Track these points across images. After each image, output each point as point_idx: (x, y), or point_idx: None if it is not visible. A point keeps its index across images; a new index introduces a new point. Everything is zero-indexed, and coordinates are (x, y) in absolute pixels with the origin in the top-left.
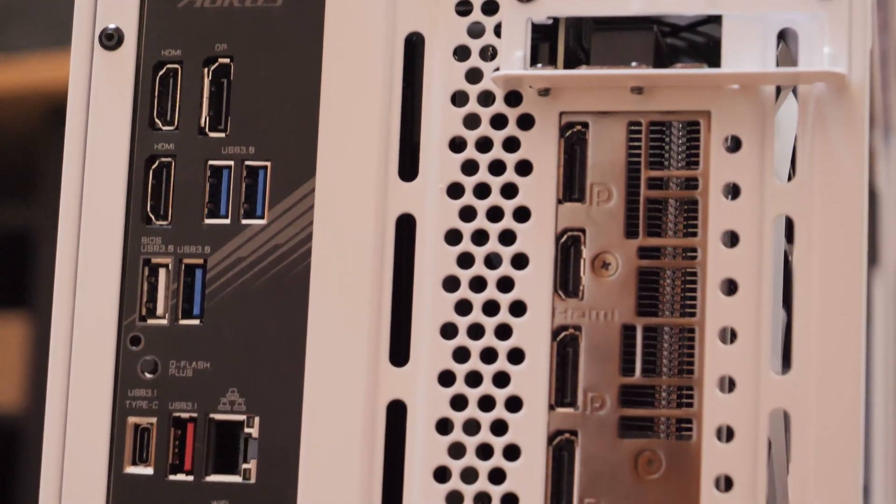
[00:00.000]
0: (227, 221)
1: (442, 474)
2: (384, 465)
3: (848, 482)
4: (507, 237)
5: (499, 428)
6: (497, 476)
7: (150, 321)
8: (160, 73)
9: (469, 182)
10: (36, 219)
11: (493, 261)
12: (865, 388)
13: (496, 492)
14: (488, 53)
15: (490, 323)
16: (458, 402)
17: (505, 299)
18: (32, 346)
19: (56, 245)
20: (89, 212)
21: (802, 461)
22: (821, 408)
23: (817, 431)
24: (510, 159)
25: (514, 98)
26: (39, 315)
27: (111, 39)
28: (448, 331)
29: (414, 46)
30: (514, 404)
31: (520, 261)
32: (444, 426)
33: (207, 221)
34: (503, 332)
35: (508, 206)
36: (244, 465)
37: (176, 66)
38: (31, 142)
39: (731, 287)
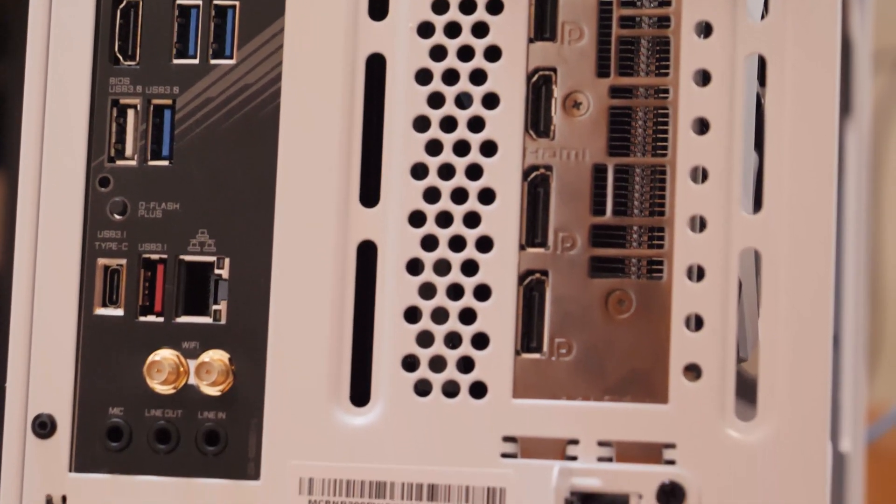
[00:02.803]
0: (196, 62)
1: (412, 315)
2: (354, 306)
3: (818, 324)
4: (478, 77)
5: (469, 268)
6: (468, 316)
7: (119, 162)
8: None
9: (440, 21)
10: (6, 76)
11: (463, 101)
12: (836, 235)
13: (467, 332)
14: None
15: (461, 163)
16: (429, 243)
17: (476, 139)
18: (7, 203)
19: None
20: (56, 54)
21: (773, 302)
22: (792, 248)
23: (788, 272)
24: None
25: None
26: (14, 172)
27: None
28: (419, 171)
29: None
30: (484, 244)
31: (491, 100)
32: (414, 267)
33: (176, 62)
34: (474, 172)
35: (479, 44)
36: (214, 307)
37: None
38: None
39: (702, 126)
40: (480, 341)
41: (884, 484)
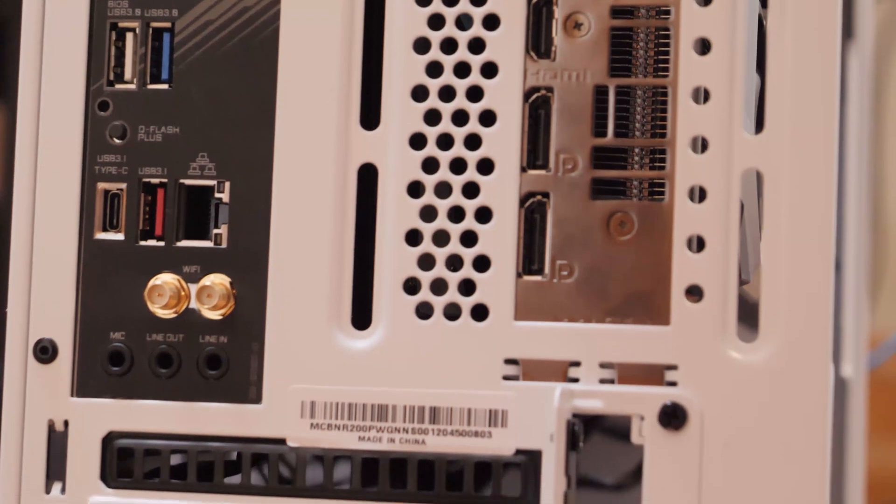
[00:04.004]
0: None
1: (413, 237)
2: (355, 229)
3: (820, 245)
4: None
5: (470, 190)
6: (469, 239)
7: (118, 86)
8: None
9: None
10: (4, 2)
11: (463, 22)
12: (838, 158)
13: (468, 254)
14: None
15: (462, 84)
16: (430, 165)
17: (476, 61)
18: (7, 131)
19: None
20: None
21: (775, 223)
22: (794, 169)
23: (790, 193)
24: None
25: None
26: (14, 100)
27: None
28: (419, 93)
29: None
30: (485, 167)
31: (491, 22)
32: (415, 189)
33: None
34: (475, 94)
35: None
36: (215, 231)
37: None
38: None
39: (704, 47)
40: (482, 264)
41: (885, 411)
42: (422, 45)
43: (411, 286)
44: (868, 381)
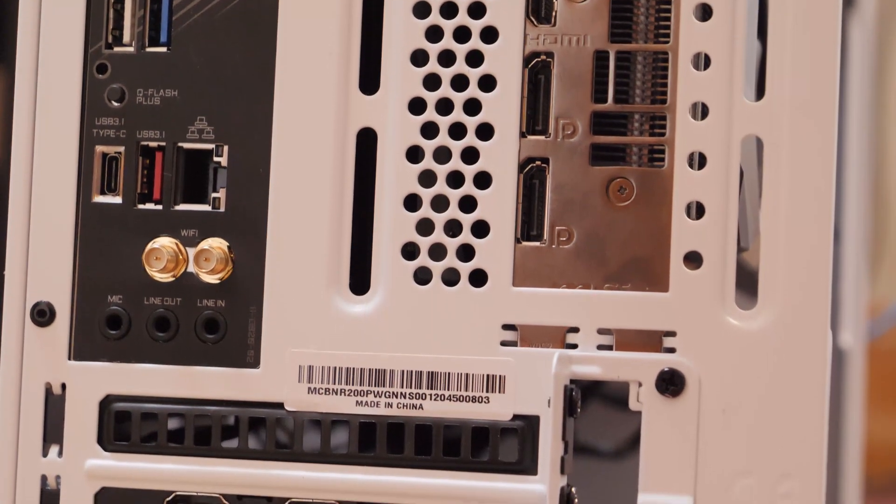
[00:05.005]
0: None
1: (412, 202)
2: (354, 194)
3: (819, 212)
4: None
5: (470, 156)
6: (468, 204)
7: (117, 49)
8: None
9: None
10: None
11: None
12: (839, 126)
13: (467, 220)
14: None
15: (461, 49)
16: (429, 130)
17: (476, 25)
18: (6, 94)
19: None
20: None
21: (774, 190)
22: (794, 136)
23: (790, 159)
24: None
25: None
26: (12, 63)
27: None
28: (419, 58)
29: None
30: (485, 132)
31: None
32: (414, 154)
33: None
34: (475, 58)
35: None
36: (213, 195)
37: None
38: None
39: (705, 12)
40: (480, 229)
41: (885, 384)
42: (422, 10)
43: (410, 251)
44: (867, 352)
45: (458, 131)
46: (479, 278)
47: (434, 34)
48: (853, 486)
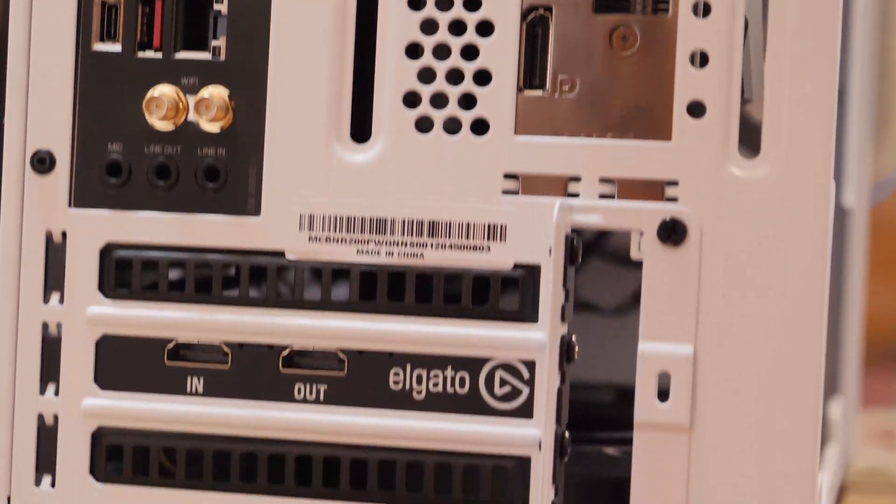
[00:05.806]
0: None
1: (414, 51)
2: (355, 42)
3: (823, 62)
4: None
5: (472, 3)
6: (470, 52)
7: None
8: None
9: None
10: None
11: None
12: None
13: (468, 68)
14: None
15: None
16: None
17: None
18: None
19: None
20: None
21: (779, 41)
22: None
23: (794, 11)
24: None
25: None
26: None
27: None
28: None
29: None
30: None
31: None
32: (416, 2)
33: None
34: None
35: None
36: (214, 42)
37: None
38: None
39: None
40: (482, 77)
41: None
42: None
43: (411, 99)
44: (870, 217)
45: None
46: (480, 127)
47: None
48: (853, 354)
